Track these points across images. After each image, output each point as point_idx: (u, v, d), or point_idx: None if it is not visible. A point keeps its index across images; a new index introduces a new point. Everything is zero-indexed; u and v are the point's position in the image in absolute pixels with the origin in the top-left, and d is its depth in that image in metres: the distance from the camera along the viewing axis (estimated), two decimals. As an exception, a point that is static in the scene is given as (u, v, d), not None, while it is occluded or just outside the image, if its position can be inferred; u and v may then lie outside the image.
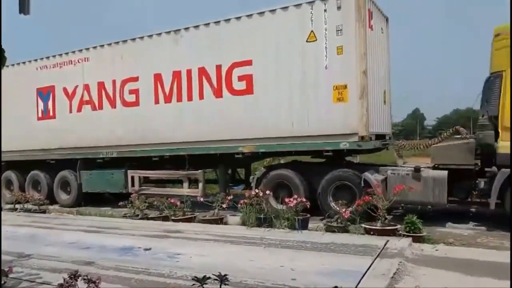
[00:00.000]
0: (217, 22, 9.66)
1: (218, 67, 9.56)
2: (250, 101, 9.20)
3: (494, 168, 7.56)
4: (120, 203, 9.90)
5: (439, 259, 5.76)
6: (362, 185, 8.14)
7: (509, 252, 6.09)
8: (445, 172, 7.88)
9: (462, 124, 10.75)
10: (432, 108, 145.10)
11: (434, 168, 8.18)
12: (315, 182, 8.83)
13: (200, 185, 10.32)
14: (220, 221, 8.53)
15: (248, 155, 9.69)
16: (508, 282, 4.73)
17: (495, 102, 7.62)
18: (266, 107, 9.02)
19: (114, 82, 11.13)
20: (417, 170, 8.05)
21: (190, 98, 10.00)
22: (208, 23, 9.78)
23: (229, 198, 8.79)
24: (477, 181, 7.96)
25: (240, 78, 9.29)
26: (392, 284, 4.67)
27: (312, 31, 8.50)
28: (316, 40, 8.47)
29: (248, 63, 9.19)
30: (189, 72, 9.97)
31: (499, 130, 7.53)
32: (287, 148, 9.06)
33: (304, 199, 7.78)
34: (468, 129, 9.79)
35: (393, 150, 10.20)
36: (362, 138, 8.15)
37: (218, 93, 9.62)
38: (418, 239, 6.53)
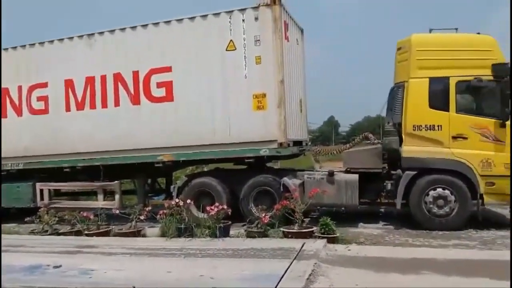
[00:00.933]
0: (134, 28, 9.36)
1: (135, 73, 9.23)
2: (170, 109, 9.01)
3: (399, 171, 8.13)
4: (27, 219, 9.14)
5: (351, 258, 6.10)
6: (281, 189, 8.34)
7: (413, 248, 6.68)
8: (356, 176, 8.35)
9: (372, 131, 11.44)
10: (346, 115, 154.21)
11: (346, 172, 8.62)
12: (238, 189, 8.87)
13: (117, 196, 9.84)
14: (137, 233, 8.20)
15: (169, 164, 9.44)
16: (413, 276, 5.17)
17: (398, 110, 8.24)
18: (187, 115, 8.88)
19: (20, 88, 10.30)
20: (331, 174, 8.46)
21: (104, 105, 9.51)
22: (124, 28, 9.46)
23: (147, 209, 8.52)
24: (385, 183, 8.44)
25: (159, 85, 9.07)
26: (308, 285, 4.85)
27: (231, 40, 8.56)
28: (235, 49, 8.54)
29: (167, 69, 9.01)
30: (103, 78, 9.48)
31: (403, 136, 8.13)
32: (209, 156, 9.00)
33: (225, 207, 7.78)
34: (377, 135, 10.46)
35: (310, 156, 10.64)
36: (281, 144, 8.35)
37: (135, 100, 9.27)
38: (332, 240, 6.86)
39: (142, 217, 8.30)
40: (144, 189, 10.40)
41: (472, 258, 6.05)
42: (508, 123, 7.62)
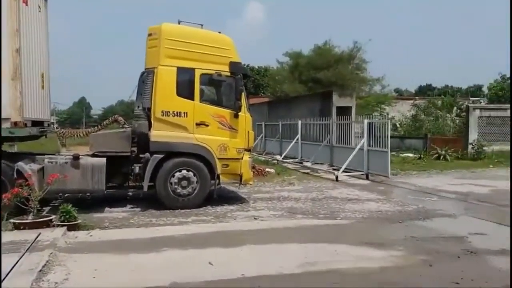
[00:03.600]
0: None
1: None
2: None
3: (147, 154, 8.31)
4: None
5: (93, 243, 5.91)
6: (15, 176, 7.30)
7: (155, 227, 6.96)
8: (104, 159, 8.14)
9: (125, 114, 11.22)
10: (99, 98, 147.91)
11: (93, 155, 8.28)
12: None
13: None
14: None
15: None
16: (153, 254, 5.38)
17: (148, 96, 8.40)
18: None
19: None
20: (75, 157, 8.00)
21: None
22: None
23: None
24: (132, 167, 8.44)
25: None
26: (40, 277, 4.44)
27: None
28: None
29: None
30: None
31: (152, 121, 8.35)
32: None
33: None
34: (130, 120, 10.35)
35: (56, 139, 9.66)
36: (15, 124, 7.35)
37: None
38: (73, 227, 6.47)
39: None
40: None
41: (207, 231, 6.76)
42: (240, 113, 8.68)
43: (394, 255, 5.50)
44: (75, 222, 6.57)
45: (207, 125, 8.50)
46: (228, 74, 8.66)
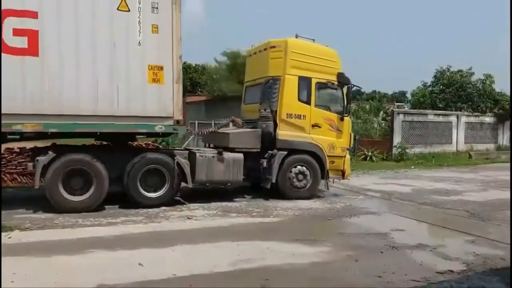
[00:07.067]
0: None
1: None
2: (34, 65, 7.22)
3: (275, 151, 9.38)
4: None
5: (11, 246, 5.48)
6: (175, 167, 8.34)
7: (81, 228, 6.63)
8: (241, 155, 9.14)
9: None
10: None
11: (232, 151, 9.17)
12: (120, 168, 8.10)
13: None
14: None
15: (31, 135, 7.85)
16: (79, 256, 5.13)
17: (275, 100, 9.55)
18: (59, 77, 7.37)
19: None
20: (220, 153, 8.98)
21: None
22: None
23: None
24: (261, 161, 9.34)
25: (18, 32, 7.13)
26: None
27: None
28: (129, 11, 7.73)
29: (32, 15, 7.16)
30: None
31: (277, 122, 9.51)
32: (90, 129, 7.70)
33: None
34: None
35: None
36: (177, 122, 8.16)
37: None
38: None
39: None
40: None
41: (137, 231, 6.57)
42: (346, 118, 10.12)
43: (323, 251, 5.72)
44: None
45: (319, 127, 9.83)
46: (336, 82, 10.00)
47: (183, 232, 6.61)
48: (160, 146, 13.90)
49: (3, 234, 5.95)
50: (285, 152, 9.43)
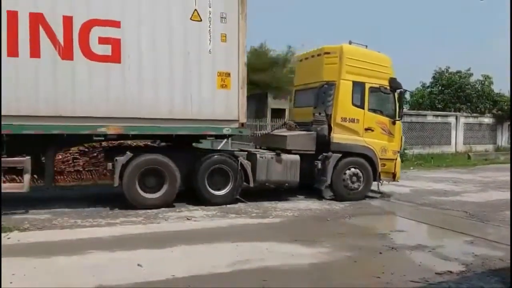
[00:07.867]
0: None
1: (67, 20, 7.35)
2: (117, 72, 7.73)
3: (330, 153, 9.52)
4: None
5: (10, 247, 5.48)
6: (239, 168, 8.82)
7: (80, 229, 6.64)
8: (298, 156, 9.38)
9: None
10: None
11: (289, 152, 9.42)
12: (189, 167, 8.62)
13: (26, 176, 7.50)
14: None
15: (113, 137, 8.37)
16: (77, 256, 5.12)
17: (330, 104, 9.58)
18: (139, 82, 7.88)
19: None
20: (278, 154, 9.26)
21: (13, 52, 7.03)
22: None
23: None
24: (316, 163, 9.56)
25: (103, 41, 7.61)
26: None
27: (196, 10, 8.14)
28: (200, 20, 8.20)
29: (115, 24, 7.65)
30: (12, 15, 6.99)
31: (332, 125, 9.61)
32: (167, 132, 8.27)
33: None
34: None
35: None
36: (242, 125, 8.66)
37: (66, 54, 7.36)
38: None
39: None
40: (52, 167, 8.34)
41: (136, 232, 6.56)
42: (397, 122, 10.20)
43: (322, 251, 5.72)
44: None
45: (372, 130, 9.92)
46: (388, 87, 10.09)
47: (182, 233, 6.61)
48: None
49: (2, 234, 5.95)
50: (340, 155, 9.62)
